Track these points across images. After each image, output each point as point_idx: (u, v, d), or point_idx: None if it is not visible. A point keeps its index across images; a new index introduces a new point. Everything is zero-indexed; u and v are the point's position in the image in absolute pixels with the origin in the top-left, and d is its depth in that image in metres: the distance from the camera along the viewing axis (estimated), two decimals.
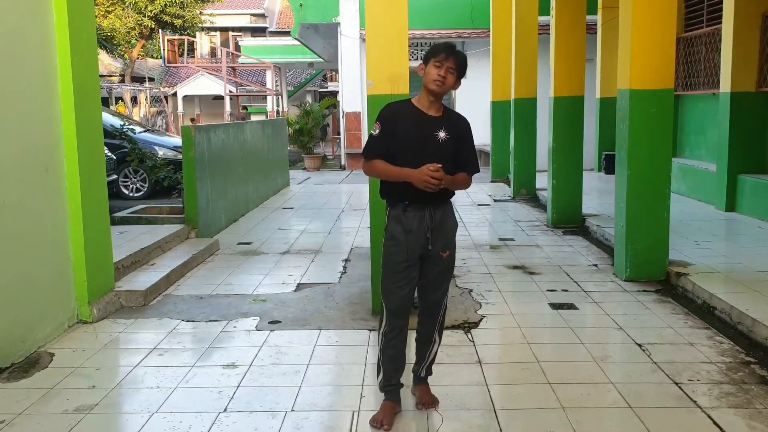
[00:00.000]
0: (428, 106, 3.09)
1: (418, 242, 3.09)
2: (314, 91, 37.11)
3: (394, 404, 3.18)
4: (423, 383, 3.33)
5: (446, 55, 3.02)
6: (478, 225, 8.31)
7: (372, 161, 3.11)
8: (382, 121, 3.10)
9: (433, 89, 3.04)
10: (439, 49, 3.06)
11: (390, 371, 3.18)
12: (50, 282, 4.37)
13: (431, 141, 3.04)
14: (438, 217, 3.12)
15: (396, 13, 4.60)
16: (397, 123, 3.07)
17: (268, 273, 6.03)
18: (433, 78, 3.02)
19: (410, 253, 3.09)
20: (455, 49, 3.07)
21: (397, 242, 3.09)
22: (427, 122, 3.07)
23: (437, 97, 3.08)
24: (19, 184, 4.05)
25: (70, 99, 4.48)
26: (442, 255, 3.16)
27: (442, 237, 3.15)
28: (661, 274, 5.46)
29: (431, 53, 3.07)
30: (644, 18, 5.24)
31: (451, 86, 3.06)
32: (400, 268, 3.10)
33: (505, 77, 11.70)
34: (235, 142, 9.05)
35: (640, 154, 5.39)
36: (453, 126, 3.10)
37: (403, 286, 3.11)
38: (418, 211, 3.08)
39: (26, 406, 3.37)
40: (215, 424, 3.15)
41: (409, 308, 3.17)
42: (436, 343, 3.30)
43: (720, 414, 3.16)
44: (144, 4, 30.44)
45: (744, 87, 7.99)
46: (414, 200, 3.06)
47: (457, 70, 3.05)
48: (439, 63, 3.02)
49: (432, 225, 3.10)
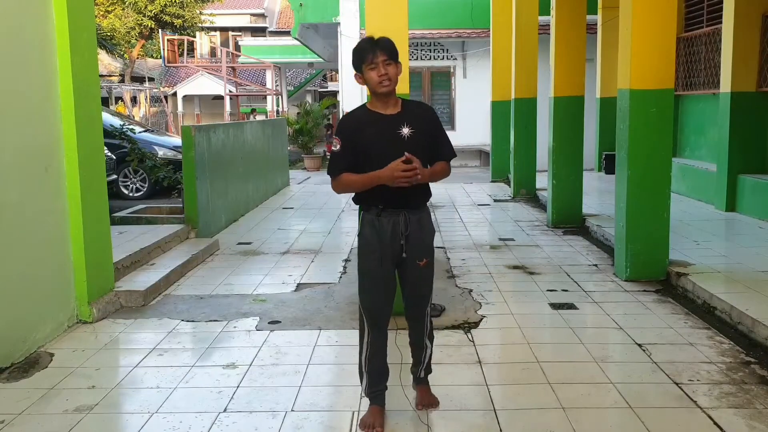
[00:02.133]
0: (384, 106, 2.96)
1: (393, 249, 2.98)
2: (314, 91, 37.11)
3: (382, 408, 3.15)
4: (422, 383, 3.31)
5: (372, 53, 2.88)
6: (478, 225, 8.31)
7: (339, 177, 2.96)
8: (342, 135, 2.96)
9: (384, 91, 2.90)
10: (363, 51, 2.90)
11: (374, 379, 3.13)
12: (50, 282, 4.37)
13: (396, 140, 2.90)
14: (414, 222, 2.99)
15: (396, 13, 4.60)
16: (358, 133, 2.94)
17: (268, 273, 6.02)
18: (378, 81, 2.88)
19: (384, 260, 2.99)
20: (375, 40, 2.92)
21: (371, 248, 2.99)
22: (387, 123, 2.94)
23: (390, 96, 2.95)
24: (19, 184, 4.05)
25: (70, 99, 4.48)
26: (419, 263, 3.03)
27: (418, 244, 3.01)
28: (662, 274, 5.46)
29: (358, 60, 2.92)
30: (644, 18, 5.24)
31: (396, 76, 2.91)
32: (374, 275, 3.01)
33: (505, 77, 11.69)
34: (235, 142, 9.04)
35: (640, 154, 5.39)
36: (415, 118, 2.97)
37: (379, 293, 3.03)
38: (392, 216, 2.96)
39: (26, 406, 3.37)
40: (215, 424, 3.15)
41: (387, 316, 3.10)
42: (428, 348, 3.25)
43: (720, 414, 3.16)
44: (144, 4, 30.45)
45: (744, 87, 7.99)
46: (388, 204, 2.95)
47: (392, 57, 2.89)
48: (373, 65, 2.88)
49: (407, 231, 2.97)
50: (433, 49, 16.12)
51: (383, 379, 3.17)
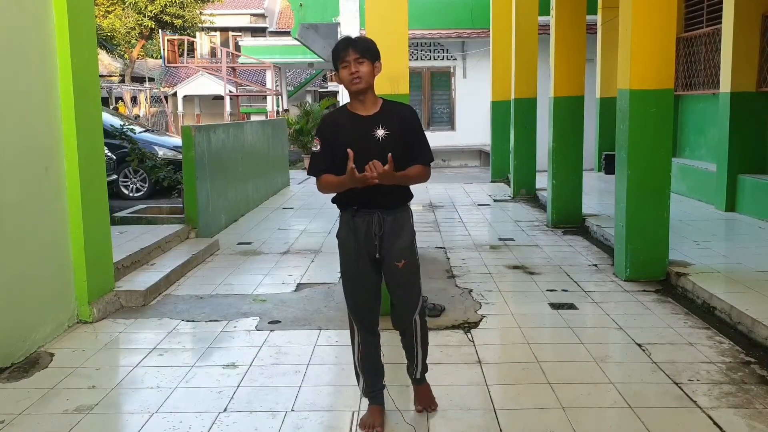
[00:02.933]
0: (360, 105, 2.94)
1: (367, 249, 2.96)
2: (314, 91, 37.10)
3: (381, 407, 3.14)
4: (420, 384, 3.27)
5: (345, 51, 2.86)
6: (478, 225, 8.31)
7: (320, 178, 2.95)
8: (321, 135, 2.96)
9: (355, 90, 2.88)
10: (338, 50, 2.89)
11: (370, 379, 3.13)
12: (50, 282, 4.37)
13: (370, 141, 2.87)
14: (389, 223, 2.95)
15: (396, 13, 4.61)
16: (336, 133, 2.93)
17: (268, 273, 6.03)
18: (348, 79, 2.86)
19: (359, 261, 2.97)
20: (351, 39, 2.91)
21: (347, 249, 3.00)
22: (362, 123, 2.92)
23: (366, 94, 2.91)
24: (19, 184, 4.05)
25: (70, 99, 4.48)
26: (397, 264, 2.98)
27: (394, 244, 2.96)
28: (661, 274, 5.46)
29: (334, 59, 2.91)
30: (644, 18, 5.24)
31: (371, 75, 2.88)
32: (351, 275, 3.02)
33: (505, 77, 11.69)
34: (235, 142, 9.05)
35: (640, 154, 5.39)
36: (392, 119, 2.93)
37: (358, 293, 3.03)
38: (366, 216, 2.94)
39: (26, 406, 3.37)
40: (215, 424, 3.15)
41: (372, 317, 3.08)
42: (419, 354, 3.18)
43: (720, 414, 3.16)
44: (144, 4, 30.46)
45: (744, 87, 7.99)
46: (362, 204, 2.93)
47: (365, 56, 2.87)
48: (345, 62, 2.86)
49: (380, 231, 2.93)
50: (433, 49, 16.12)
51: (379, 378, 3.16)
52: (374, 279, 3.04)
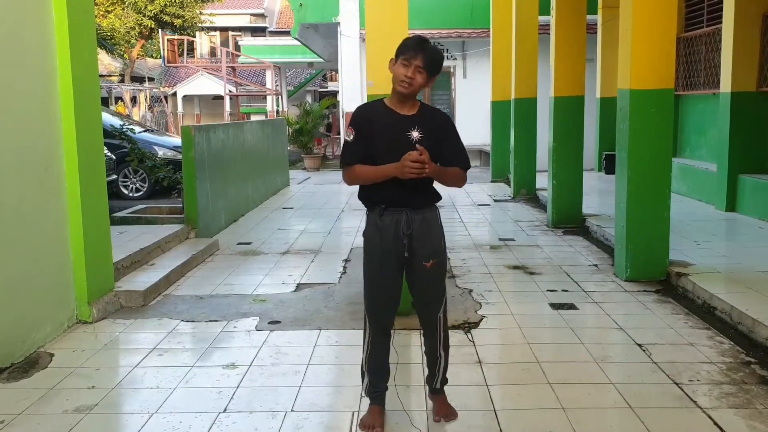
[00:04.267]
0: (399, 105, 2.92)
1: (395, 248, 2.93)
2: (314, 91, 37.11)
3: (382, 407, 3.13)
4: (439, 394, 3.22)
5: (414, 52, 2.81)
6: (478, 225, 8.30)
7: (352, 167, 2.93)
8: (356, 125, 2.93)
9: (400, 91, 2.86)
10: (408, 46, 2.84)
11: (375, 379, 3.11)
12: (50, 282, 4.37)
13: (404, 141, 2.85)
14: (417, 222, 2.93)
15: (396, 13, 4.60)
16: (371, 125, 2.91)
17: (267, 273, 6.02)
18: (400, 79, 2.83)
19: (385, 260, 2.95)
20: (426, 45, 2.85)
21: (373, 247, 2.97)
22: (399, 122, 2.90)
23: (407, 98, 2.90)
24: (18, 184, 4.04)
25: (70, 99, 4.48)
26: (425, 264, 2.97)
27: (423, 244, 2.95)
28: (662, 274, 5.46)
29: (400, 49, 2.86)
30: (644, 18, 5.24)
31: (421, 86, 2.85)
32: (376, 275, 2.99)
33: (505, 77, 11.69)
34: (235, 142, 9.05)
35: (640, 154, 5.39)
36: (428, 124, 2.91)
37: (381, 294, 3.00)
38: (394, 215, 2.92)
39: (26, 406, 3.36)
40: (215, 425, 3.15)
41: (390, 320, 3.07)
42: (442, 358, 3.14)
43: (720, 414, 3.16)
44: (144, 4, 30.45)
45: (744, 87, 7.99)
46: (391, 203, 2.91)
47: (427, 69, 2.83)
48: (407, 61, 2.82)
49: (408, 230, 2.92)
50: None
51: (384, 379, 3.15)
52: (398, 279, 3.02)
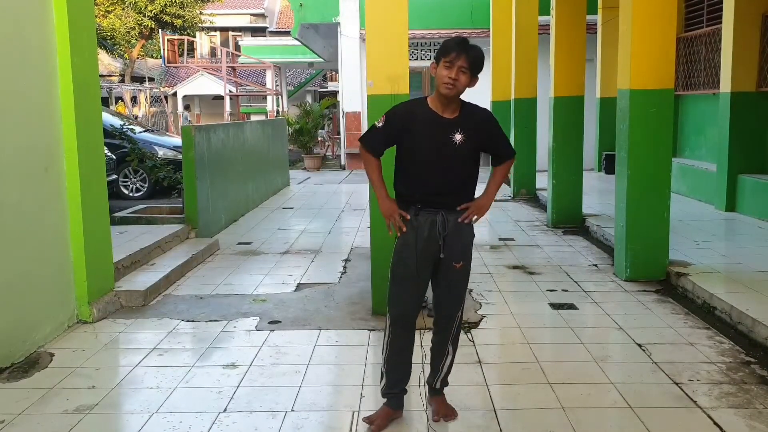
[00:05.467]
0: (443, 107, 2.92)
1: (430, 249, 2.96)
2: (314, 91, 37.11)
3: (393, 410, 3.12)
4: (438, 395, 3.22)
5: (457, 53, 2.81)
6: (478, 225, 8.24)
7: (367, 154, 3.04)
8: (390, 117, 2.96)
9: (445, 93, 2.86)
10: (450, 47, 2.84)
11: (393, 380, 3.10)
12: (50, 282, 4.37)
13: (447, 145, 2.88)
14: (451, 222, 2.97)
15: (396, 13, 4.60)
16: (412, 122, 2.92)
17: (268, 273, 6.02)
18: (444, 81, 2.83)
19: (420, 261, 2.96)
20: (467, 45, 2.85)
21: (408, 248, 2.97)
22: (441, 125, 2.91)
23: (451, 100, 2.90)
24: (19, 184, 4.05)
25: (70, 99, 4.48)
26: (455, 265, 3.00)
27: (456, 245, 2.99)
28: (661, 274, 5.46)
29: (442, 52, 2.87)
30: (644, 18, 5.24)
31: (465, 86, 2.86)
32: (408, 275, 2.98)
33: (505, 77, 11.67)
34: (235, 142, 9.04)
35: (640, 154, 5.39)
36: (471, 124, 2.94)
37: (410, 294, 3.01)
38: (430, 216, 2.94)
39: (26, 406, 3.37)
40: (215, 424, 3.15)
41: (414, 319, 3.07)
42: (449, 355, 3.15)
43: (720, 414, 3.16)
44: (144, 4, 30.43)
45: (744, 87, 7.99)
46: (426, 204, 2.94)
47: (471, 68, 2.84)
48: (449, 63, 2.82)
49: (445, 232, 2.95)
50: (433, 49, 16.08)
51: (401, 382, 3.12)
52: (427, 279, 3.05)
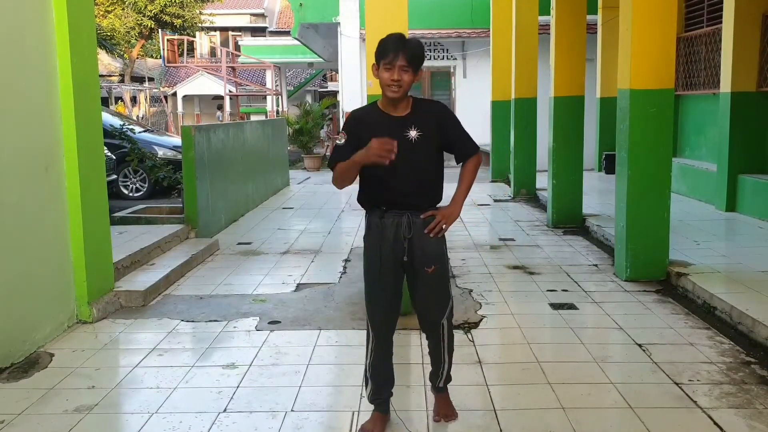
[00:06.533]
0: (393, 107, 2.85)
1: (394, 252, 2.87)
2: (314, 91, 37.12)
3: (385, 415, 3.10)
4: (441, 393, 3.20)
5: (394, 53, 2.71)
6: (478, 225, 8.30)
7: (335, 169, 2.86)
8: (348, 130, 2.86)
9: (392, 96, 2.78)
10: (387, 48, 2.73)
11: (378, 386, 3.07)
12: (50, 282, 4.37)
13: (402, 143, 2.74)
14: (418, 225, 2.87)
15: (396, 13, 4.60)
16: (365, 129, 2.81)
17: (268, 273, 6.02)
18: (387, 84, 2.75)
19: (385, 264, 2.88)
20: (403, 42, 2.75)
21: (373, 251, 2.90)
22: (393, 124, 2.83)
23: (399, 99, 2.82)
24: (19, 184, 4.04)
25: (70, 99, 4.48)
26: (427, 270, 2.90)
27: (423, 249, 2.89)
28: (662, 274, 5.46)
29: (379, 53, 2.76)
30: (644, 18, 5.24)
31: (410, 84, 2.76)
32: (374, 279, 2.93)
33: (505, 77, 11.69)
34: (235, 142, 9.04)
35: (640, 154, 5.39)
36: (425, 119, 2.86)
37: (380, 299, 2.95)
38: (395, 218, 2.85)
39: (26, 406, 3.36)
40: (215, 425, 3.15)
41: (391, 325, 3.01)
42: (446, 363, 3.10)
43: (720, 414, 3.16)
44: (144, 4, 30.45)
45: (744, 87, 7.98)
46: (391, 206, 2.86)
47: (412, 65, 2.73)
48: (389, 64, 2.72)
49: (410, 234, 2.85)
50: (433, 49, 16.11)
51: (386, 387, 3.10)
52: (397, 285, 2.96)
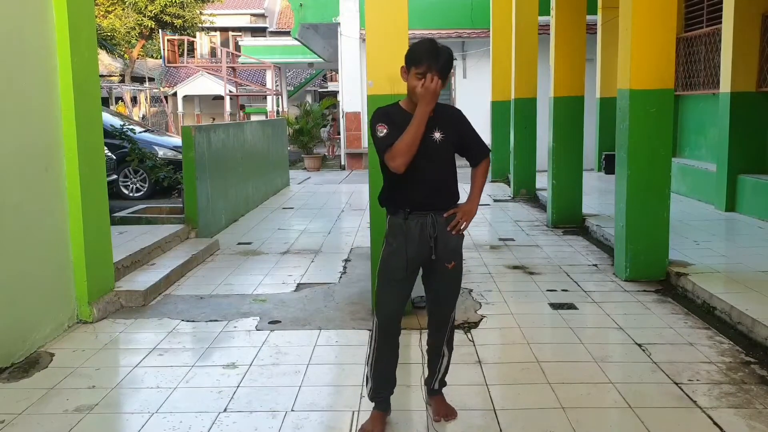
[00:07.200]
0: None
1: (421, 252, 2.95)
2: (314, 91, 37.12)
3: (384, 413, 3.11)
4: (437, 394, 3.23)
5: (428, 64, 2.77)
6: (478, 225, 8.30)
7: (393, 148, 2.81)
8: (386, 121, 2.88)
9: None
10: (420, 56, 2.80)
11: (379, 385, 3.09)
12: (50, 282, 4.37)
13: (428, 143, 2.85)
14: (442, 224, 2.95)
15: (396, 13, 4.60)
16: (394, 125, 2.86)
17: (268, 273, 6.02)
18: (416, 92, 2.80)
19: (410, 264, 2.95)
20: (437, 52, 2.80)
21: (398, 252, 2.94)
22: None
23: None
24: (19, 184, 4.05)
25: (70, 99, 4.48)
26: (447, 266, 3.00)
27: (446, 246, 2.97)
28: (661, 274, 5.46)
29: (411, 60, 2.83)
30: (644, 18, 5.24)
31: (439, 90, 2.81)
32: (397, 278, 2.97)
33: (505, 77, 11.69)
34: (235, 142, 9.05)
35: (640, 154, 5.39)
36: (447, 122, 2.93)
37: (397, 298, 3.00)
38: (419, 218, 2.92)
39: (26, 406, 3.37)
40: (215, 424, 3.15)
41: (399, 323, 3.06)
42: (445, 356, 3.17)
43: (720, 414, 3.16)
44: (144, 4, 30.44)
45: (744, 87, 7.99)
46: (415, 207, 2.92)
47: (442, 73, 2.79)
48: (421, 74, 2.78)
49: (435, 233, 2.93)
50: None
51: (388, 386, 3.11)
52: (413, 281, 3.05)
